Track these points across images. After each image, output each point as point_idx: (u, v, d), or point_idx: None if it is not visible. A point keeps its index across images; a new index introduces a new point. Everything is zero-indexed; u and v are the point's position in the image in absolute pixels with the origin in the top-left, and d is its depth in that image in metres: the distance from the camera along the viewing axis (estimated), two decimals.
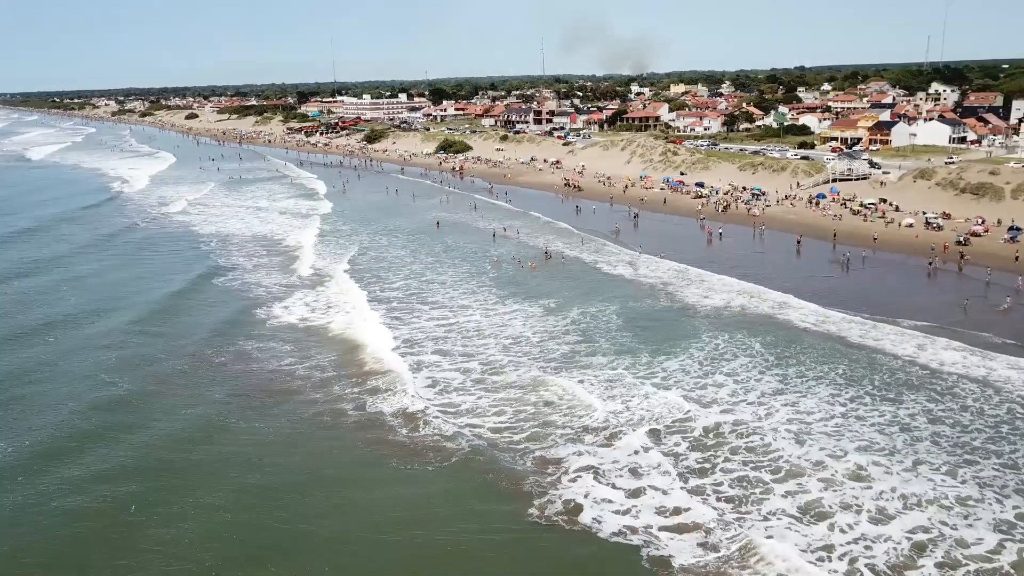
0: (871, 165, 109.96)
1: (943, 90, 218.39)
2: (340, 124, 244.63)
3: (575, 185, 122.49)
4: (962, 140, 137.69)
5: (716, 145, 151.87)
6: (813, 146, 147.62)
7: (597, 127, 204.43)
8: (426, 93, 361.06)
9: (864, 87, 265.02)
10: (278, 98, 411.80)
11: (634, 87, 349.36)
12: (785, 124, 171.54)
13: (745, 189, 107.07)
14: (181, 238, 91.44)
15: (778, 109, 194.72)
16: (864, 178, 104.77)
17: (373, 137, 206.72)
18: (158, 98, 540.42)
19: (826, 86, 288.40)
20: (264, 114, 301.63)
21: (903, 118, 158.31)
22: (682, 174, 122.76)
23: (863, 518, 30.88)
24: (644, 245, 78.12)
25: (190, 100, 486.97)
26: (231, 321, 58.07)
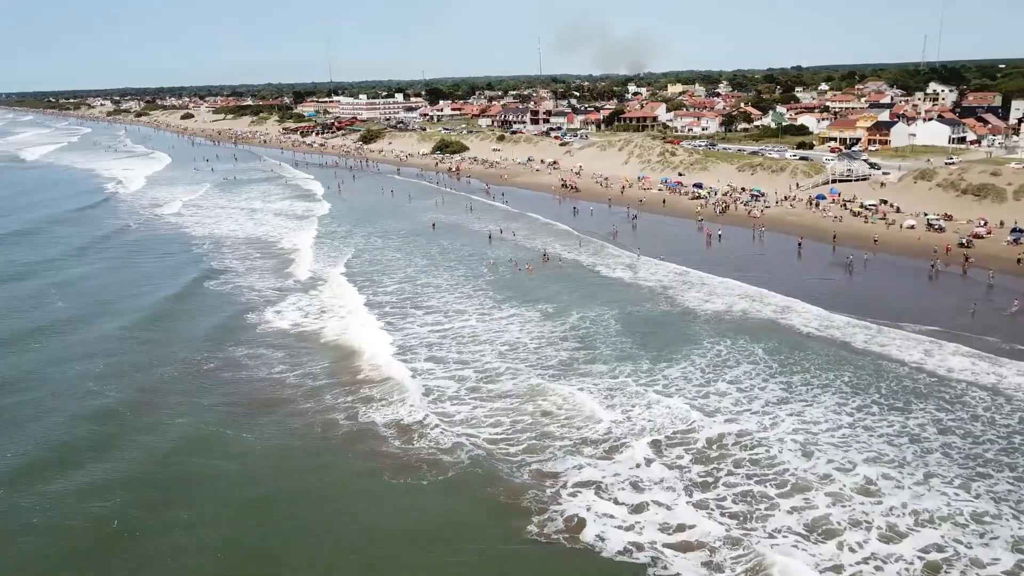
0: (871, 166, 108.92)
1: (941, 90, 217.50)
2: (336, 124, 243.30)
3: (572, 186, 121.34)
4: (962, 140, 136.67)
5: (714, 145, 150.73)
6: (812, 146, 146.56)
7: (594, 127, 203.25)
8: (423, 93, 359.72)
9: (862, 87, 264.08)
10: (274, 98, 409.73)
11: (631, 87, 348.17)
12: (783, 124, 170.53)
13: (744, 190, 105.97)
14: (174, 240, 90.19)
15: (776, 109, 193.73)
16: (864, 179, 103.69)
17: (369, 137, 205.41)
18: (154, 98, 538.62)
19: (823, 86, 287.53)
20: (260, 114, 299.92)
21: (902, 118, 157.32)
22: (680, 175, 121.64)
23: (873, 536, 29.72)
24: (643, 247, 76.97)
25: (186, 100, 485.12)
26: (222, 327, 56.80)
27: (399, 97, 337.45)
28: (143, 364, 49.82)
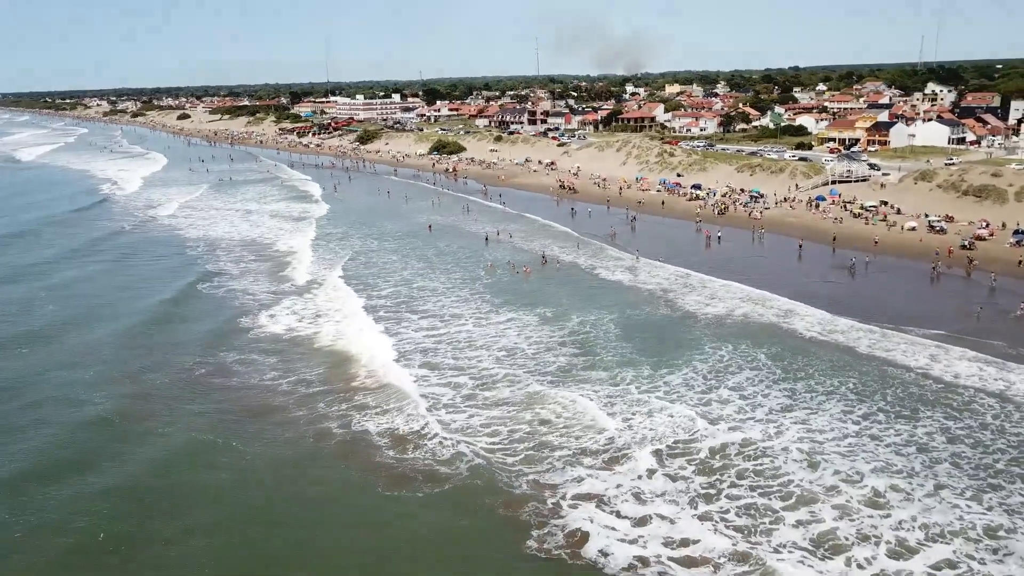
0: (870, 167, 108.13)
1: (940, 90, 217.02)
2: (333, 125, 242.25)
3: (570, 187, 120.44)
4: (961, 141, 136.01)
5: (713, 146, 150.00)
6: (811, 147, 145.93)
7: (592, 128, 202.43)
8: (420, 93, 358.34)
9: (860, 87, 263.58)
10: (271, 98, 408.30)
11: (629, 87, 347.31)
12: (782, 125, 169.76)
13: (743, 191, 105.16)
14: (169, 243, 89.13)
15: (774, 109, 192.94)
16: (864, 180, 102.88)
17: (366, 138, 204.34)
18: (150, 98, 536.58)
19: (821, 86, 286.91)
20: (256, 114, 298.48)
21: (901, 119, 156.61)
22: (679, 176, 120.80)
23: (882, 551, 28.81)
24: (642, 249, 76.07)
25: (182, 100, 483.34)
26: (216, 331, 55.79)
27: (396, 97, 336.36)
28: (134, 370, 48.81)
